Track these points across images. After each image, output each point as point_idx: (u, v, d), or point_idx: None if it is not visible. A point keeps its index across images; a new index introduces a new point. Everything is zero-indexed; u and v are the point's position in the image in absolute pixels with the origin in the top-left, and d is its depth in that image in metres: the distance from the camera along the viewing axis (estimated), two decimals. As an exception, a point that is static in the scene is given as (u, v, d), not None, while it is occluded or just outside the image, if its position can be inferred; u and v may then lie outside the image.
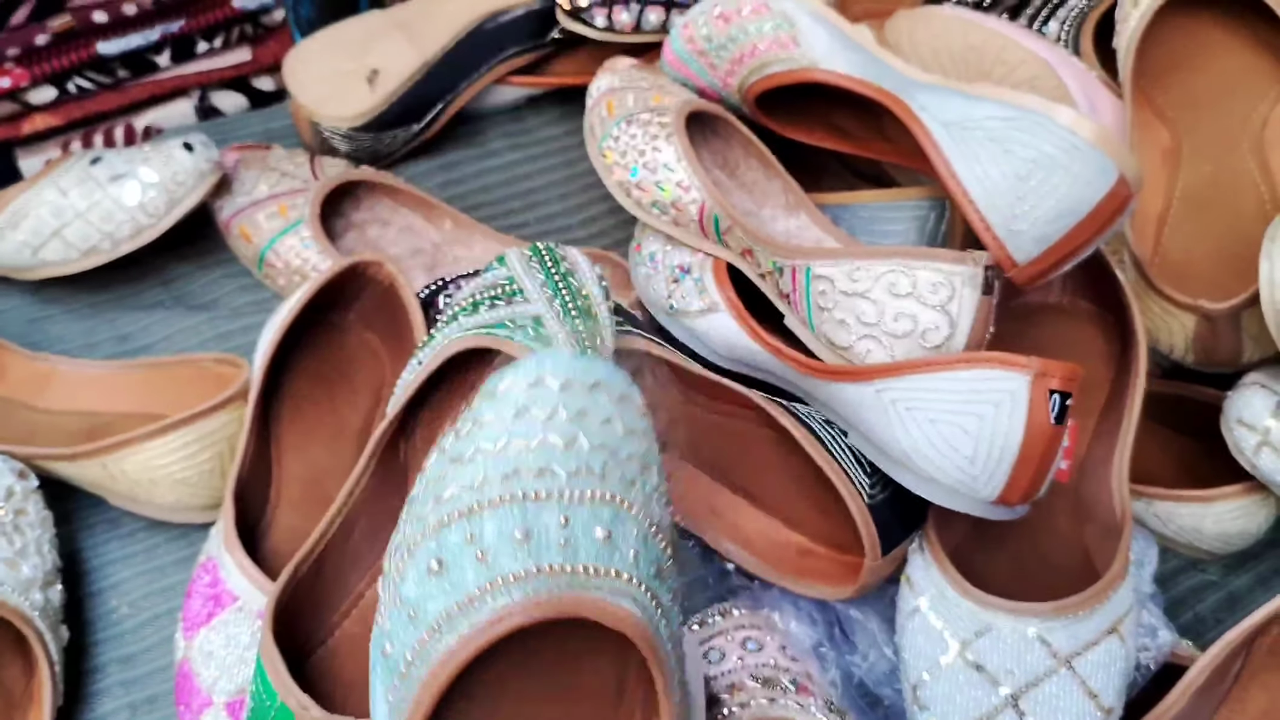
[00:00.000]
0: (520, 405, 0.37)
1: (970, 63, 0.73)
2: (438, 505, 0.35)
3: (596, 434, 0.37)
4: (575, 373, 0.38)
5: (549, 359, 0.38)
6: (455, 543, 0.34)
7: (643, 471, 0.38)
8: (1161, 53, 0.70)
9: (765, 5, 0.68)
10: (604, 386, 0.39)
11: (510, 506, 0.35)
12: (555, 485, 0.35)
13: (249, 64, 0.85)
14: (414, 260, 0.78)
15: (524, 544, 0.34)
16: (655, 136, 0.66)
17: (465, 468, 0.36)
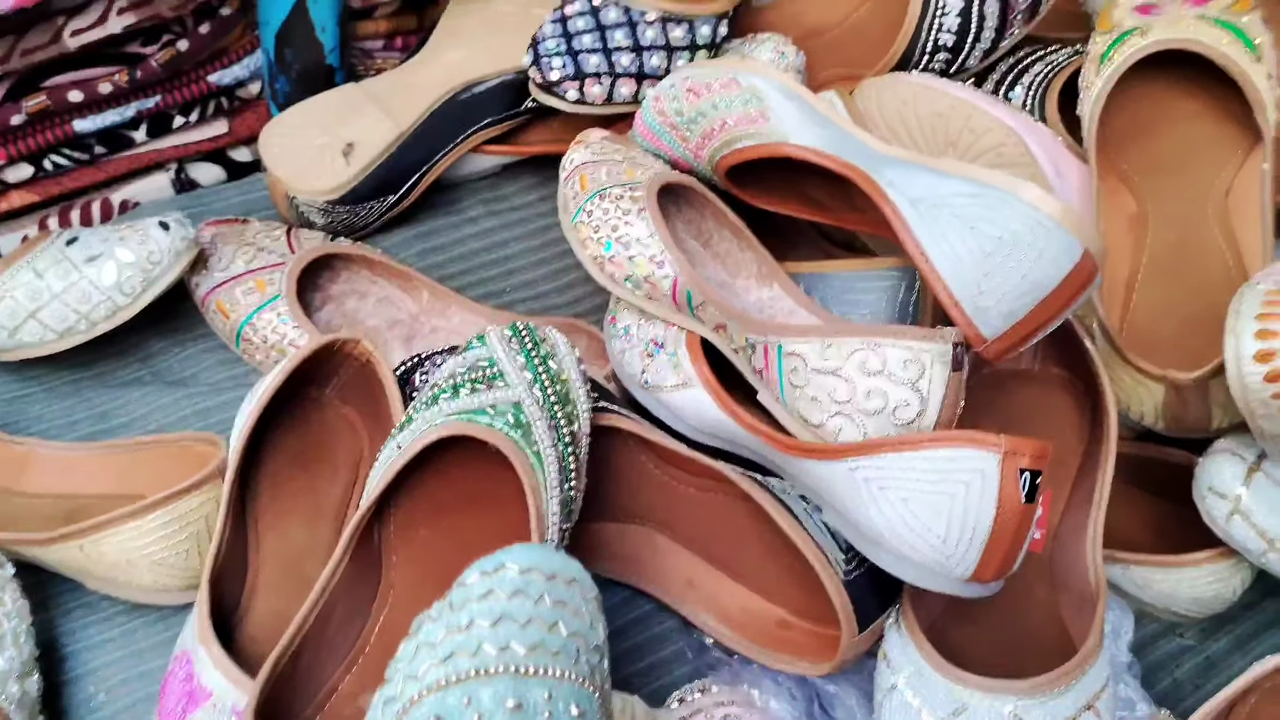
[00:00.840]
0: (514, 588, 0.43)
1: (937, 130, 0.74)
2: (437, 668, 0.40)
3: (572, 622, 0.43)
4: (559, 567, 0.45)
5: (541, 554, 0.45)
6: (454, 704, 0.39)
7: (602, 659, 0.44)
8: (1125, 119, 0.71)
9: (735, 80, 0.69)
10: (578, 583, 0.45)
11: (505, 678, 0.40)
12: (542, 663, 0.41)
13: (226, 136, 0.86)
14: (392, 332, 0.78)
15: (516, 712, 0.39)
16: (628, 212, 0.67)
17: (462, 636, 0.41)
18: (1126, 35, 0.70)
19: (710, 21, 0.78)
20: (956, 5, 0.76)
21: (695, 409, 0.64)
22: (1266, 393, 0.54)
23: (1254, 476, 0.61)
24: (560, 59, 0.76)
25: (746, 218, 0.72)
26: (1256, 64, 0.67)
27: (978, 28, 0.77)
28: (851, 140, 0.66)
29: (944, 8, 0.77)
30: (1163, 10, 0.70)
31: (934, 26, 0.77)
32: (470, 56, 0.83)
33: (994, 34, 0.77)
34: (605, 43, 0.76)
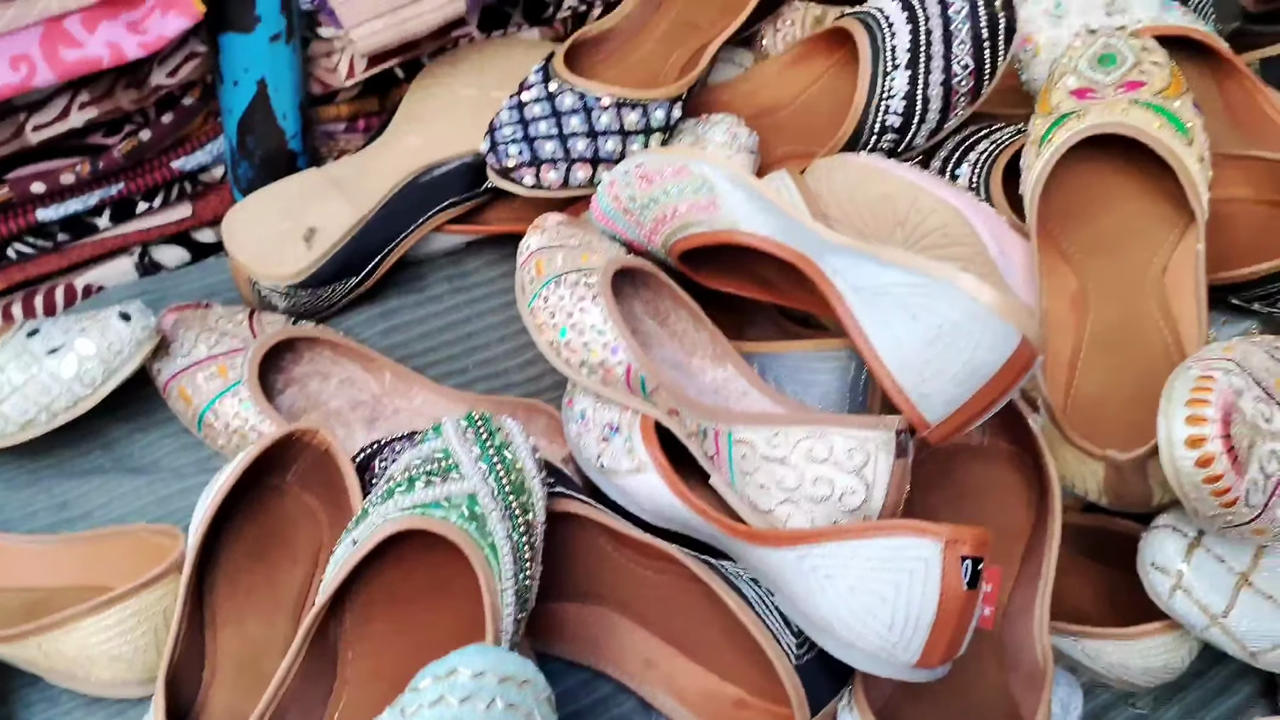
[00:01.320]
0: (466, 693, 0.45)
1: (885, 210, 0.76)
2: None
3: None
4: (512, 670, 0.47)
5: (494, 657, 0.46)
6: None
7: None
8: (1065, 199, 0.73)
9: (686, 168, 0.71)
10: (531, 684, 0.47)
11: None
12: None
13: (189, 219, 0.87)
14: (354, 413, 0.79)
15: None
16: (583, 298, 0.68)
17: None
18: (1064, 118, 0.72)
19: (664, 105, 0.80)
20: (901, 89, 0.79)
21: (650, 494, 0.65)
22: (1198, 477, 0.55)
23: (1195, 552, 0.62)
24: (516, 145, 0.77)
25: (705, 294, 0.74)
26: (1188, 147, 0.69)
27: (922, 110, 0.79)
28: (799, 228, 0.67)
29: (890, 91, 0.79)
30: (1099, 95, 0.72)
31: (880, 109, 0.79)
32: (430, 140, 0.84)
33: (938, 116, 0.79)
34: (561, 129, 0.78)
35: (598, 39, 0.87)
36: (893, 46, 0.79)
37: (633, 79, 0.86)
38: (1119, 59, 0.73)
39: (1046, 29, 0.81)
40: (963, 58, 0.78)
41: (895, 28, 0.79)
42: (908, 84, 0.78)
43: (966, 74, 0.78)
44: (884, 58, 0.79)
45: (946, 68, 0.78)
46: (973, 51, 0.78)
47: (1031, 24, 0.81)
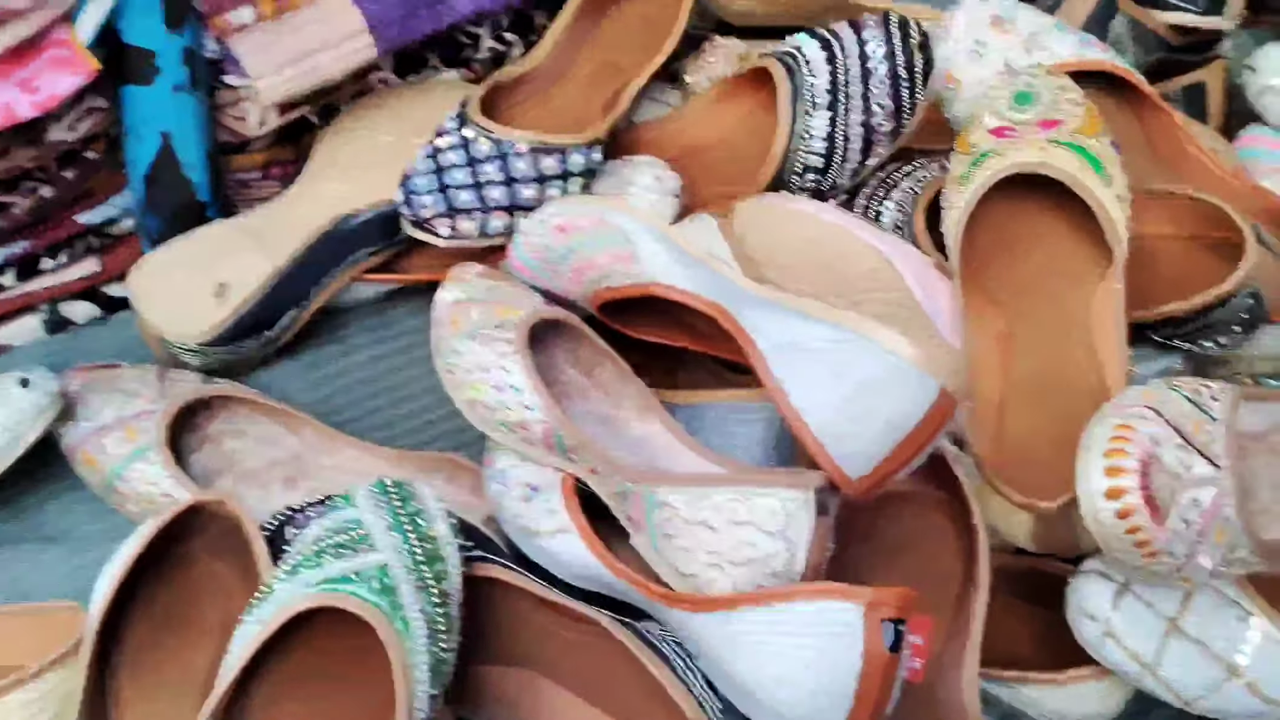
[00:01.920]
0: None
1: (810, 255, 0.75)
2: None
3: None
4: None
5: None
6: None
7: None
8: (988, 239, 0.73)
9: (603, 220, 0.69)
10: None
11: None
12: None
13: (99, 274, 0.84)
14: (272, 473, 0.77)
15: None
16: (501, 355, 0.66)
17: None
18: (983, 158, 0.72)
19: (582, 150, 0.79)
20: (821, 129, 0.78)
21: (571, 556, 0.63)
22: (1119, 529, 0.55)
23: (1124, 598, 0.61)
24: (431, 196, 0.76)
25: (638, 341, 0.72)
26: (1106, 187, 0.69)
27: (843, 150, 0.78)
28: (718, 279, 0.66)
29: (809, 132, 0.78)
30: (1017, 134, 0.72)
31: (801, 149, 0.78)
32: (347, 188, 0.82)
33: (859, 155, 0.79)
34: (476, 177, 0.76)
35: (517, 81, 0.85)
36: (811, 86, 0.78)
37: (554, 121, 0.85)
38: (1036, 97, 0.73)
39: (968, 66, 0.80)
40: (881, 98, 0.77)
41: (814, 67, 0.78)
42: (827, 125, 0.78)
43: (885, 114, 0.78)
44: (803, 98, 0.78)
45: (865, 108, 0.77)
46: (890, 92, 0.77)
47: (952, 61, 0.81)
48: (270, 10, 0.77)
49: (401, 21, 0.80)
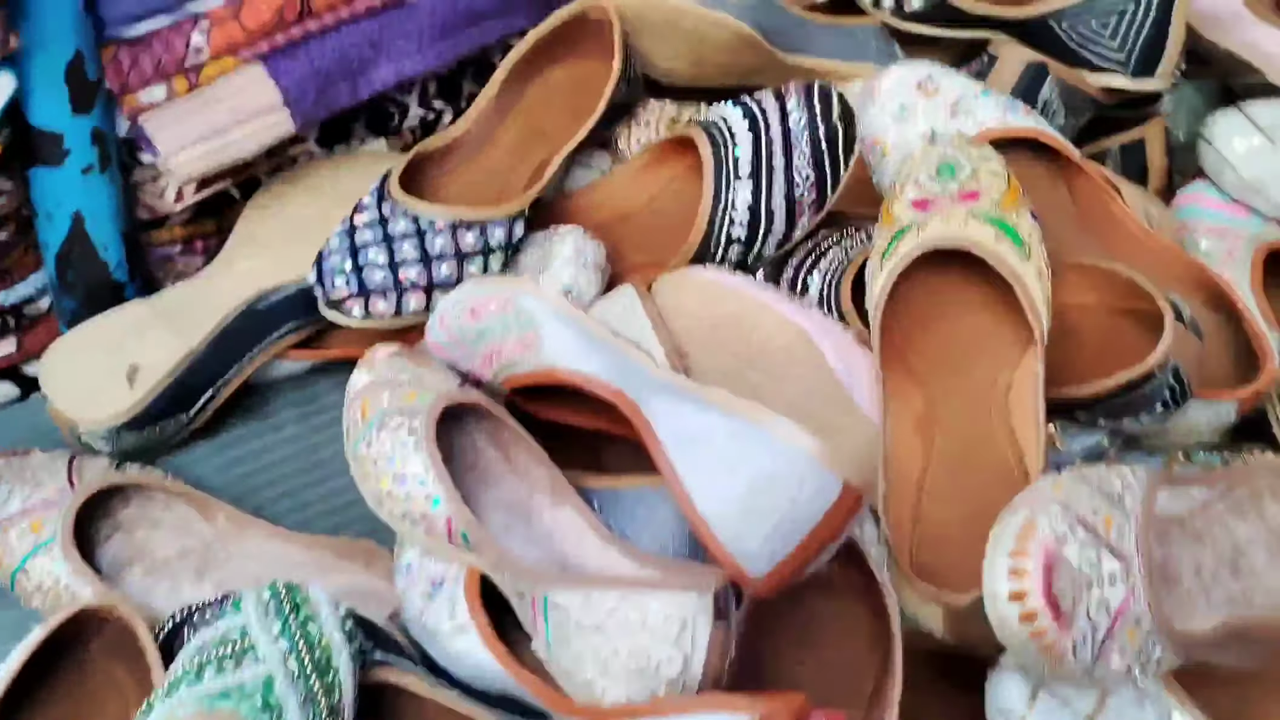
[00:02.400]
0: None
1: (730, 329, 0.73)
2: None
3: None
4: None
5: None
6: None
7: None
8: (910, 314, 0.71)
9: (511, 302, 0.68)
10: None
11: None
12: None
13: (16, 355, 0.83)
14: (183, 562, 0.75)
15: None
16: (404, 444, 0.65)
17: None
18: (904, 231, 0.71)
19: (503, 224, 0.77)
20: (744, 201, 0.76)
21: (473, 658, 0.61)
22: (1023, 633, 0.53)
23: (1039, 696, 0.59)
24: (343, 276, 0.74)
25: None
26: (1025, 261, 0.68)
27: (766, 222, 0.77)
28: (624, 364, 0.65)
29: (733, 203, 0.77)
30: (937, 206, 0.71)
31: (725, 221, 0.77)
32: (266, 264, 0.81)
33: (784, 227, 0.77)
34: (392, 255, 0.75)
35: (443, 151, 0.84)
36: (735, 158, 0.77)
37: (479, 191, 0.83)
38: (957, 168, 0.71)
39: (893, 130, 0.79)
40: (804, 169, 0.76)
41: (738, 138, 0.77)
42: (750, 196, 0.76)
43: (808, 185, 0.76)
44: (726, 169, 0.77)
45: (789, 179, 0.76)
46: (813, 162, 0.76)
47: (878, 126, 0.80)
48: (183, 87, 0.76)
49: (318, 94, 0.79)
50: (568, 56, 0.88)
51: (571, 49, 0.87)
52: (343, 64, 0.79)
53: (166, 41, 0.75)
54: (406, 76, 0.82)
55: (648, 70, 0.91)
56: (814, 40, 0.95)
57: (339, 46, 0.79)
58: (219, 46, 0.76)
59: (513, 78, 0.86)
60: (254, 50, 0.77)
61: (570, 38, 0.87)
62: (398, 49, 0.81)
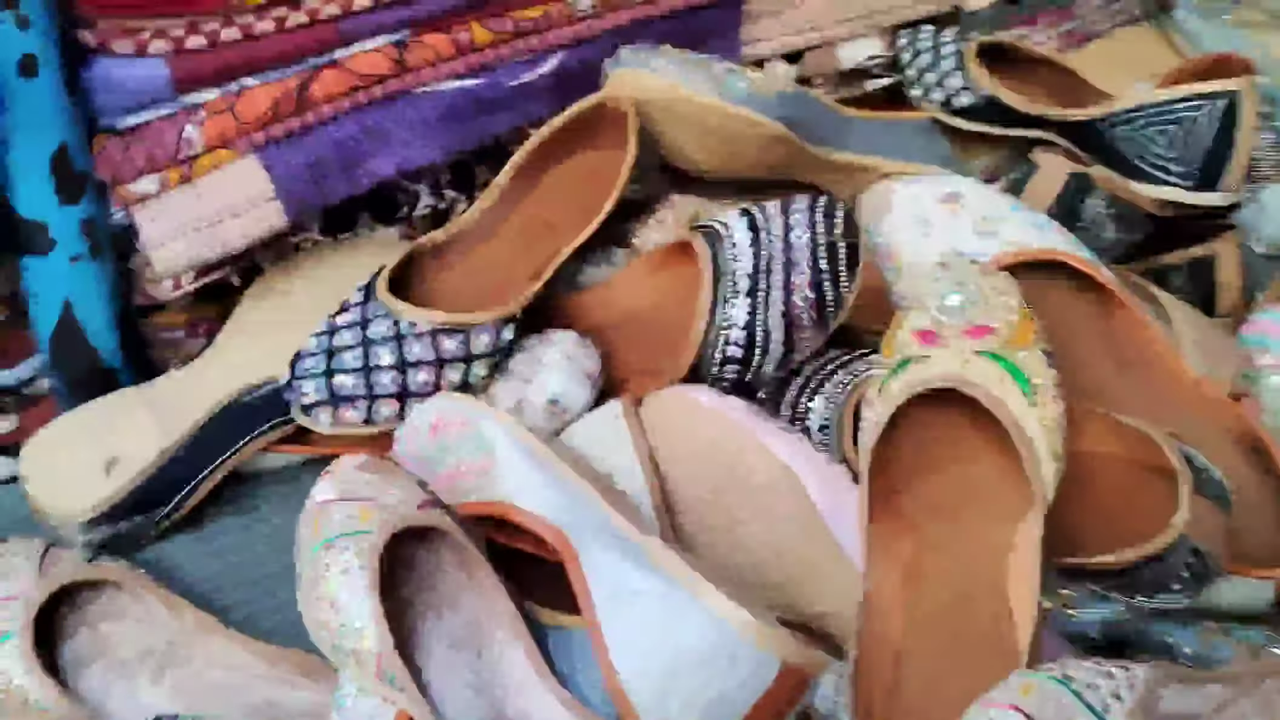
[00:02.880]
0: None
1: (713, 459, 0.68)
2: None
3: None
4: None
5: None
6: None
7: None
8: (907, 455, 0.65)
9: (470, 424, 0.64)
10: None
11: None
12: None
13: (14, 433, 0.83)
14: (143, 664, 0.73)
15: None
16: (345, 570, 0.62)
17: None
18: (905, 365, 0.65)
19: (489, 329, 0.74)
20: (740, 318, 0.71)
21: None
22: None
23: None
24: (314, 381, 0.72)
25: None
26: (1030, 409, 0.61)
27: (763, 342, 0.71)
28: (577, 504, 0.60)
29: (728, 320, 0.72)
30: (943, 339, 0.65)
31: (720, 338, 0.72)
32: (256, 357, 0.79)
33: (782, 349, 0.72)
34: (367, 360, 0.72)
35: (445, 243, 0.81)
36: (734, 271, 0.72)
37: (477, 288, 0.80)
38: (967, 298, 0.65)
39: (911, 245, 0.73)
40: (802, 289, 0.71)
41: (738, 250, 0.72)
42: (747, 314, 0.71)
43: (808, 306, 0.71)
44: (724, 283, 0.72)
45: (787, 298, 0.71)
46: (811, 282, 0.70)
47: (896, 239, 0.74)
48: (175, 178, 0.75)
49: (312, 185, 0.77)
50: (584, 148, 0.84)
51: (589, 140, 0.84)
52: (340, 155, 0.77)
53: (159, 133, 0.74)
54: (408, 168, 0.80)
55: (676, 162, 0.87)
56: (855, 135, 0.90)
57: (336, 137, 0.77)
58: (212, 138, 0.74)
59: (525, 168, 0.83)
60: (248, 142, 0.75)
61: (589, 128, 0.84)
62: (399, 139, 0.79)
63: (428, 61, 0.78)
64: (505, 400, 0.74)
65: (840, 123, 0.89)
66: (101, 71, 0.71)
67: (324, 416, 0.72)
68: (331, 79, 0.76)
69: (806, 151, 0.86)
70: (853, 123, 0.90)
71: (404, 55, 0.77)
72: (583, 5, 0.82)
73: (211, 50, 0.73)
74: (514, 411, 0.74)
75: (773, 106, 0.82)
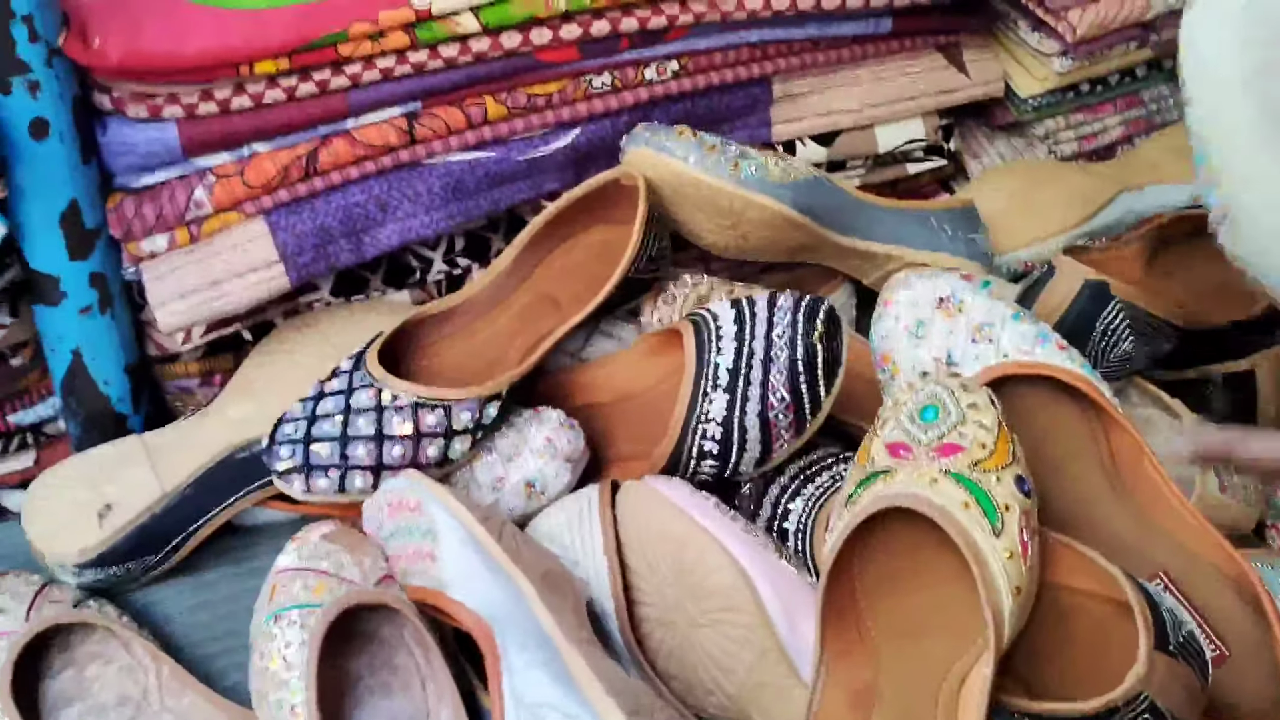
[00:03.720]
0: None
1: (672, 556, 0.67)
2: None
3: None
4: None
5: None
6: None
7: None
8: (869, 569, 0.63)
9: (420, 506, 0.64)
10: None
11: None
12: None
13: (32, 469, 0.86)
14: (119, 711, 0.74)
15: None
16: (292, 644, 0.62)
17: None
18: (874, 477, 0.62)
19: (471, 406, 0.74)
20: (719, 413, 0.70)
21: None
22: None
23: None
24: (290, 447, 0.72)
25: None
26: (994, 538, 0.58)
27: (740, 439, 0.70)
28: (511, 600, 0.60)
29: (707, 414, 0.70)
30: (913, 454, 0.62)
31: (698, 432, 0.70)
32: (256, 412, 0.80)
33: (759, 447, 0.70)
34: (345, 429, 0.72)
35: (446, 312, 0.81)
36: (716, 364, 0.70)
37: (471, 360, 0.80)
38: (941, 414, 0.62)
39: (906, 349, 0.71)
40: (779, 389, 0.69)
41: (723, 342, 0.71)
42: (725, 409, 0.70)
43: (784, 407, 0.69)
44: (706, 375, 0.71)
45: (763, 398, 0.69)
46: (788, 383, 0.68)
47: (890, 341, 0.71)
48: (185, 239, 0.77)
49: (316, 251, 0.79)
50: (596, 223, 0.84)
51: (601, 216, 0.84)
52: (346, 222, 0.79)
53: (170, 193, 0.76)
54: (413, 238, 0.81)
55: (693, 240, 0.86)
56: (876, 224, 0.87)
57: (343, 204, 0.78)
58: (221, 201, 0.76)
59: (534, 242, 0.83)
60: (256, 205, 0.77)
61: (602, 204, 0.83)
62: (405, 210, 0.80)
63: (438, 134, 0.79)
64: (484, 477, 0.74)
65: (859, 209, 0.87)
66: (115, 133, 0.74)
67: (297, 483, 0.72)
68: (340, 148, 0.77)
69: (826, 237, 0.84)
70: (875, 210, 0.88)
71: (414, 126, 0.78)
72: (598, 83, 0.81)
73: (222, 116, 0.75)
74: (492, 489, 0.74)
75: (786, 191, 0.81)
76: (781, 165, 0.82)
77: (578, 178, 0.84)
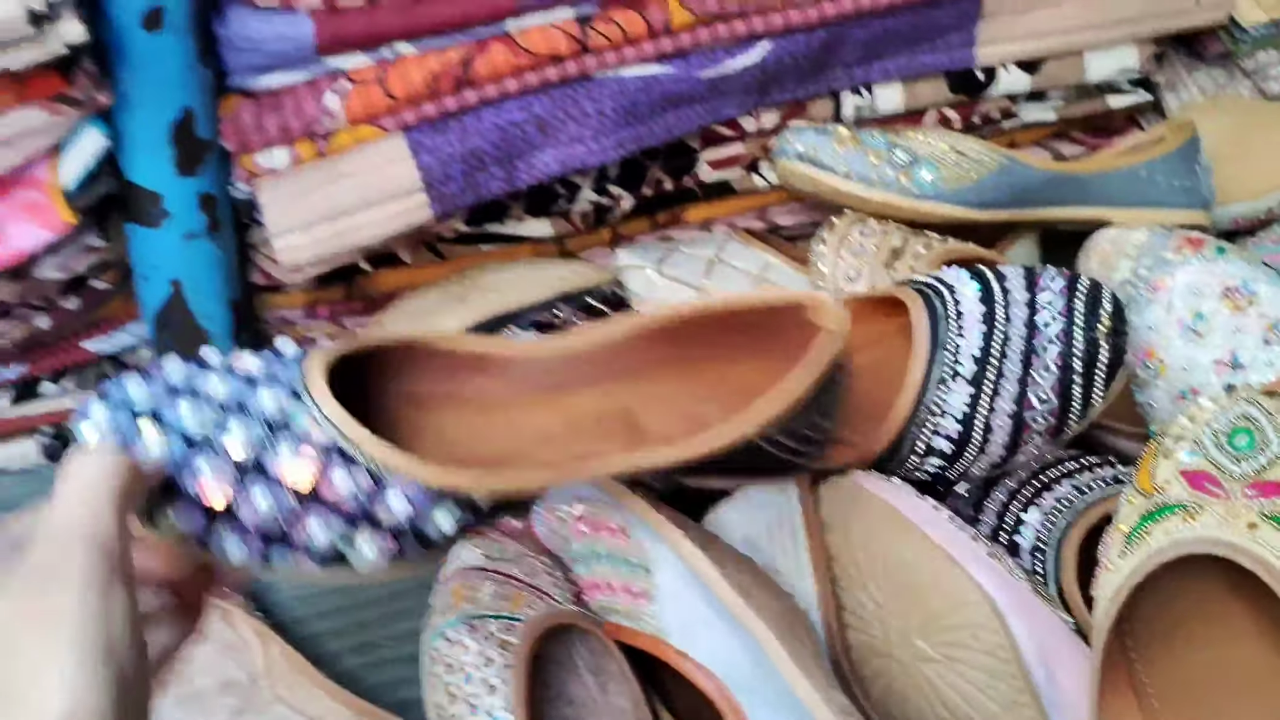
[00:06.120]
0: None
1: (904, 584, 0.57)
2: None
3: None
4: None
5: None
6: None
7: None
8: (1155, 619, 0.53)
9: (625, 532, 0.53)
10: None
11: None
12: None
13: (108, 403, 0.74)
14: (222, 698, 0.65)
15: None
16: (490, 662, 0.52)
17: None
18: (1166, 511, 0.52)
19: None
20: (958, 407, 0.59)
21: None
22: None
23: None
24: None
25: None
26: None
27: (980, 441, 0.59)
28: (750, 653, 0.49)
29: (941, 407, 0.59)
30: (1221, 490, 0.51)
31: (928, 426, 0.60)
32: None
33: (1002, 450, 0.59)
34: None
35: (480, 357, 0.50)
36: (956, 348, 0.59)
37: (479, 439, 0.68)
38: (1259, 442, 0.52)
39: (1178, 345, 0.60)
40: (1043, 389, 0.57)
41: (965, 322, 0.59)
42: (967, 404, 0.59)
43: (1047, 410, 0.58)
44: (942, 360, 0.59)
45: (1021, 396, 0.58)
46: (1058, 384, 0.57)
47: (1158, 334, 0.60)
48: (309, 154, 0.64)
49: (465, 178, 0.66)
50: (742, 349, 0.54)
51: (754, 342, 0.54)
52: (500, 146, 0.66)
53: (296, 100, 0.63)
54: (575, 166, 0.68)
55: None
56: (1077, 191, 0.76)
57: (497, 124, 0.66)
58: (356, 112, 0.63)
59: (654, 335, 0.52)
60: (397, 120, 0.64)
61: (763, 328, 0.53)
62: (569, 132, 0.67)
63: (613, 43, 0.66)
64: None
65: (1061, 183, 0.75)
66: (238, 24, 0.60)
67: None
68: (500, 55, 0.64)
69: (1020, 217, 0.73)
70: (1075, 180, 0.76)
71: (587, 33, 0.65)
72: (800, -11, 0.68)
73: (368, 8, 0.61)
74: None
75: (969, 194, 0.69)
76: (959, 160, 0.70)
77: (759, 103, 0.72)
